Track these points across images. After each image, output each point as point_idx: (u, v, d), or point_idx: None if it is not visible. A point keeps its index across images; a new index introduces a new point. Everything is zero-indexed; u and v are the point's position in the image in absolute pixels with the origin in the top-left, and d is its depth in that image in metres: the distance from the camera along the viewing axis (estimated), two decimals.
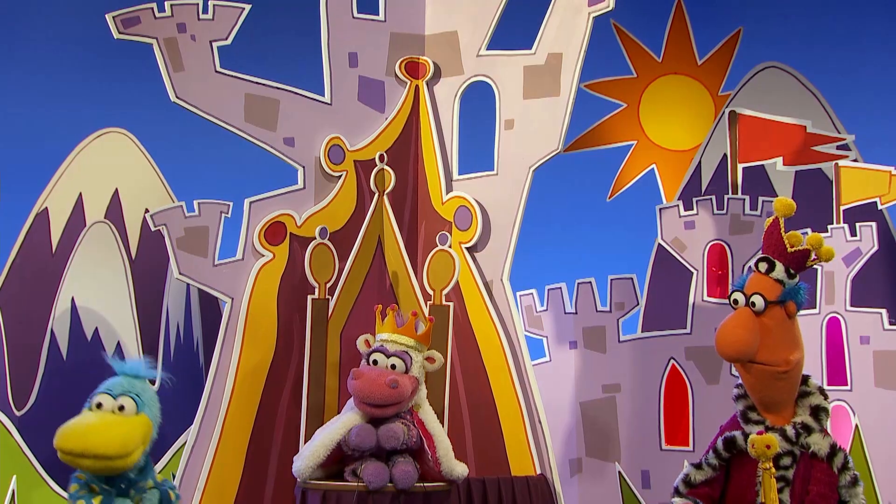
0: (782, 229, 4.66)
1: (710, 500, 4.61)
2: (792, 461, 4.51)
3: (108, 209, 6.49)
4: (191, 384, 6.34)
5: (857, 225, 6.20)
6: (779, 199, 4.71)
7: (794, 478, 4.52)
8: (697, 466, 4.66)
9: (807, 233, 4.74)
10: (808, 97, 7.21)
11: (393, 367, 4.90)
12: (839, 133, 6.96)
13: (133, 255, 6.52)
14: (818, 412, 4.63)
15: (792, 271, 4.62)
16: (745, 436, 4.52)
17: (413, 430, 4.85)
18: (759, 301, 4.59)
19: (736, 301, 4.63)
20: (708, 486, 4.60)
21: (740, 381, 4.73)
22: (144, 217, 5.70)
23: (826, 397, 4.70)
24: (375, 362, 4.92)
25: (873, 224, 6.21)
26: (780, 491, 4.45)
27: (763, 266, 4.64)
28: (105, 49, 5.77)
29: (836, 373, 6.15)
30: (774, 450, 4.32)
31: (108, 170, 6.48)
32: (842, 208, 6.42)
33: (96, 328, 6.38)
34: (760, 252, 4.75)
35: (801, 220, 4.77)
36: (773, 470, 4.35)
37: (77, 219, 6.41)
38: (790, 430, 4.54)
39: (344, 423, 4.85)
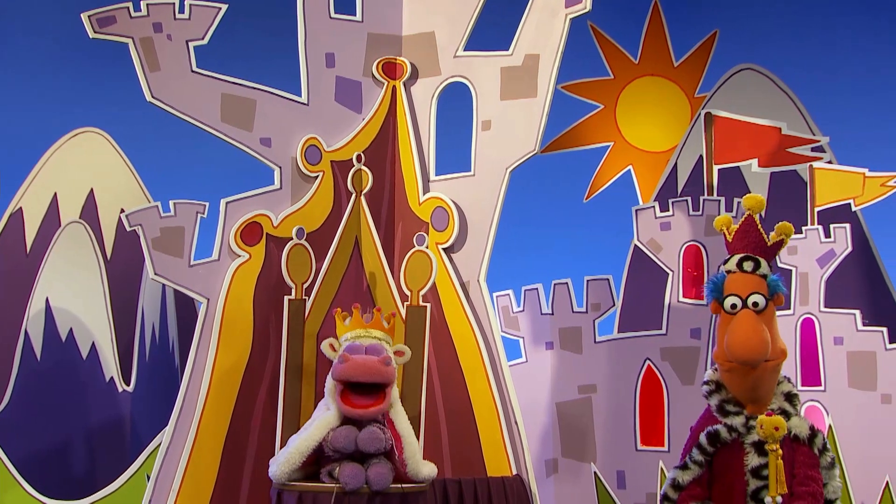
0: (759, 225, 4.67)
1: (704, 499, 4.62)
2: (776, 447, 4.52)
3: (84, 209, 6.48)
4: (166, 385, 6.35)
5: (831, 226, 6.25)
6: (748, 195, 4.72)
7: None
8: (683, 468, 4.65)
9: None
10: (783, 99, 7.27)
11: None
12: (814, 135, 7.01)
13: (108, 256, 6.50)
14: (791, 398, 4.67)
15: (770, 264, 4.66)
16: (727, 428, 4.54)
17: (387, 433, 4.84)
18: (761, 301, 4.59)
19: (734, 306, 4.61)
20: (698, 485, 4.60)
21: (708, 378, 4.73)
22: (120, 217, 5.68)
23: (792, 383, 4.75)
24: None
25: (847, 225, 6.26)
26: (768, 477, 4.47)
27: (749, 265, 4.65)
28: (80, 48, 5.74)
29: (810, 373, 6.20)
30: (783, 431, 4.36)
31: (83, 169, 6.47)
32: (816, 210, 6.47)
33: (71, 329, 6.36)
34: (733, 252, 4.74)
35: (777, 221, 4.79)
36: (780, 451, 4.38)
37: (52, 219, 6.39)
38: None
39: (318, 426, 4.82)
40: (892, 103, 7.56)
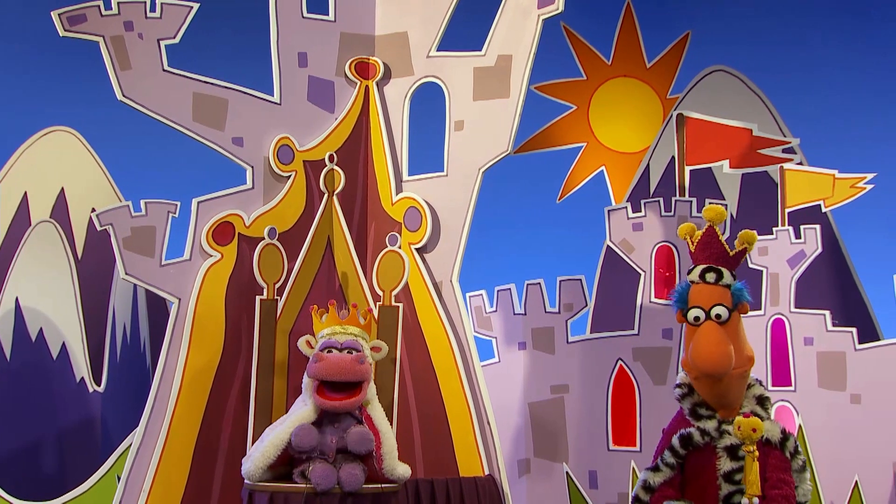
0: (720, 235, 4.69)
1: (676, 499, 4.63)
2: (753, 448, 4.54)
3: (54, 208, 6.44)
4: (137, 385, 6.31)
5: (802, 227, 6.28)
6: (708, 206, 4.73)
7: None
8: (654, 469, 4.65)
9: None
10: (754, 101, 7.31)
11: (350, 353, 4.90)
12: (785, 136, 7.06)
13: (79, 255, 6.47)
14: (763, 401, 4.69)
15: (734, 273, 4.68)
16: (700, 431, 4.56)
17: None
18: (724, 312, 4.60)
19: (697, 318, 4.62)
20: (670, 487, 4.60)
21: (680, 381, 4.74)
22: (91, 216, 5.64)
23: (763, 386, 4.77)
24: (330, 353, 4.90)
25: (817, 226, 6.29)
26: (739, 482, 4.49)
27: (711, 276, 4.65)
28: (50, 47, 5.71)
29: (781, 374, 6.23)
30: (760, 432, 4.38)
31: (53, 169, 6.43)
32: (787, 211, 6.51)
33: (41, 329, 6.31)
34: (696, 262, 4.74)
35: (748, 222, 4.81)
36: (756, 453, 4.40)
37: (22, 218, 6.35)
38: None
39: (293, 421, 4.82)
40: (861, 105, 7.63)
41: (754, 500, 4.41)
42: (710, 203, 4.88)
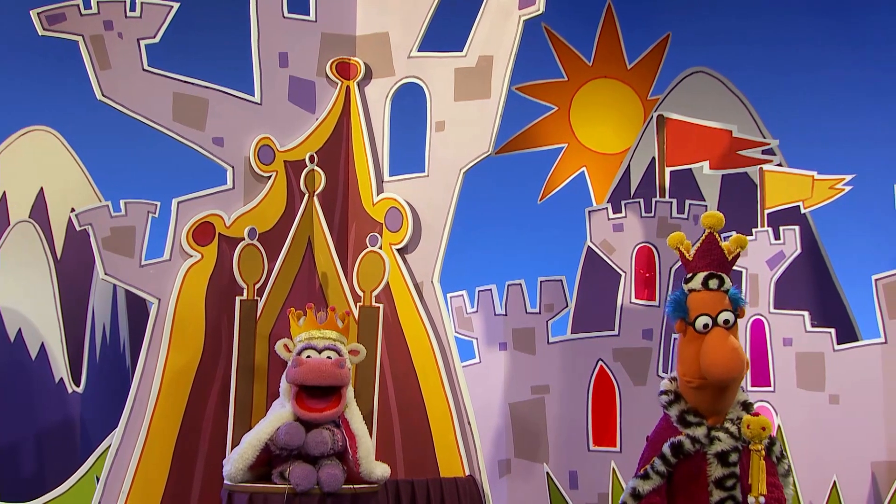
0: (721, 242, 4.67)
1: None
2: (738, 457, 4.56)
3: (33, 208, 6.41)
4: (117, 386, 6.29)
5: (781, 228, 6.31)
6: (707, 213, 4.70)
7: (741, 472, 4.56)
8: (644, 477, 4.62)
9: (730, 235, 4.78)
10: (734, 102, 7.34)
11: (329, 358, 4.89)
12: (764, 138, 7.08)
13: (58, 255, 6.44)
14: (748, 407, 4.70)
15: (730, 278, 4.68)
16: (690, 438, 4.55)
17: (339, 435, 4.83)
18: (731, 318, 4.59)
19: (707, 325, 4.61)
20: (657, 494, 4.59)
21: (666, 387, 4.71)
22: (70, 216, 5.62)
23: (745, 391, 4.78)
24: (308, 358, 4.88)
25: (796, 228, 6.32)
26: (731, 488, 4.49)
27: (715, 283, 4.63)
28: (29, 46, 5.68)
29: (760, 374, 6.26)
30: (769, 431, 4.39)
31: (33, 168, 6.40)
32: (766, 212, 6.53)
33: (20, 329, 6.29)
34: (695, 270, 4.71)
35: (727, 223, 4.82)
36: (763, 452, 4.41)
37: (0, 218, 6.31)
38: (733, 428, 4.57)
39: (271, 421, 4.81)
40: (841, 107, 7.66)
41: (760, 499, 4.41)
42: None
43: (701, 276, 4.64)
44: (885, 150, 7.34)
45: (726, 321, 4.58)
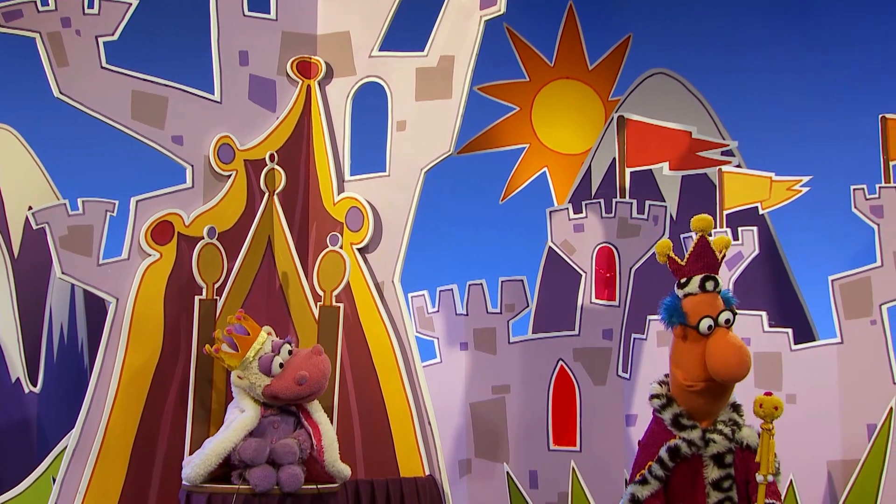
0: (711, 244, 4.69)
1: None
2: (732, 458, 4.58)
3: None
4: (74, 386, 6.23)
5: (740, 229, 6.35)
6: (698, 217, 4.70)
7: (736, 473, 4.58)
8: (642, 482, 4.59)
9: (691, 237, 4.80)
10: (694, 103, 7.38)
11: (290, 353, 4.93)
12: (723, 139, 7.14)
13: (15, 254, 6.38)
14: (737, 408, 4.72)
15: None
16: (686, 442, 4.56)
17: (305, 441, 4.82)
18: (731, 317, 4.63)
19: (711, 327, 4.62)
20: (657, 499, 4.59)
21: (656, 391, 4.71)
22: (27, 215, 5.56)
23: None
24: (281, 365, 4.88)
25: (755, 228, 6.36)
26: (727, 489, 4.51)
27: (711, 284, 4.65)
28: None
29: None
30: (782, 410, 4.41)
31: None
32: (725, 213, 6.57)
33: None
34: (690, 274, 4.71)
35: (687, 224, 4.85)
36: (774, 430, 4.43)
37: None
38: (727, 430, 4.59)
39: (236, 430, 4.78)
40: (798, 108, 7.73)
41: (769, 477, 4.43)
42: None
43: (697, 279, 4.66)
44: (842, 151, 7.41)
45: (727, 321, 4.61)
